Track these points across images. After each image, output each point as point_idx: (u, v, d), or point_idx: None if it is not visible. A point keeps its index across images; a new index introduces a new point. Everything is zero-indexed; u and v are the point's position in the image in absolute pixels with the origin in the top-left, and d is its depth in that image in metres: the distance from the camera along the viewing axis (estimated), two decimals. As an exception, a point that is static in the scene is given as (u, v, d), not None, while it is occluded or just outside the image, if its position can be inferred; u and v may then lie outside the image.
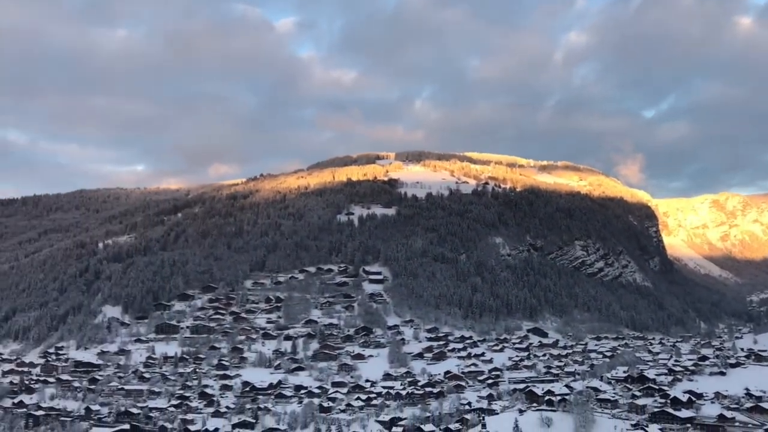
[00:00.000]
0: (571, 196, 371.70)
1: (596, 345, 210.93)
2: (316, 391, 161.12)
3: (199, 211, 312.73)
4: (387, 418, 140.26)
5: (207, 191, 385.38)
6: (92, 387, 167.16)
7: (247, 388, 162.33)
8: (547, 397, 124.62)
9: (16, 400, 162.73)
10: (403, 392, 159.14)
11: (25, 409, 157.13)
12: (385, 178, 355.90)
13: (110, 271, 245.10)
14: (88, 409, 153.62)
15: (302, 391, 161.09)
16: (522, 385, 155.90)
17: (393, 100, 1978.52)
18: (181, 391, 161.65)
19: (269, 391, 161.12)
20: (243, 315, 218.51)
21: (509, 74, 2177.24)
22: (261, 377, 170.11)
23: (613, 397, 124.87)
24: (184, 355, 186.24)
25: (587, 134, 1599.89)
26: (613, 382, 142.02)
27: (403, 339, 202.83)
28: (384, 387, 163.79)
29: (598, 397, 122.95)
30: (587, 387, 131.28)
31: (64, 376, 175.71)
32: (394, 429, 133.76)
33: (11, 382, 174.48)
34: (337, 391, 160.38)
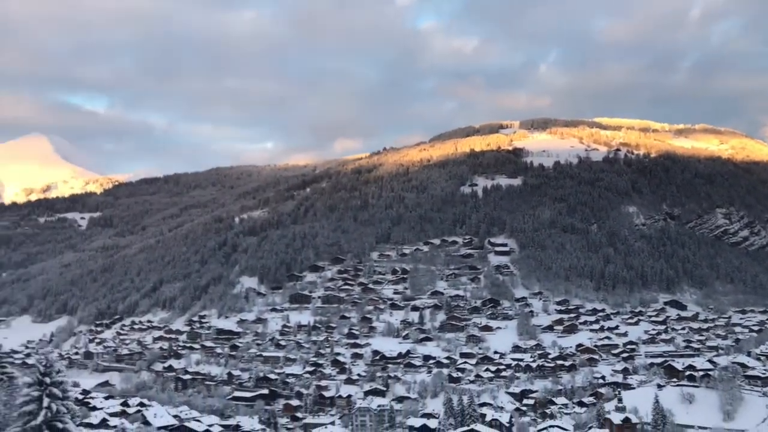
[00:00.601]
0: (712, 161, 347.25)
1: (741, 319, 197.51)
2: (445, 361, 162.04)
3: (326, 185, 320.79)
4: (517, 389, 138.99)
5: (333, 166, 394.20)
6: (233, 353, 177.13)
7: (377, 357, 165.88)
8: (688, 373, 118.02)
9: (166, 365, 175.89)
10: (533, 364, 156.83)
11: (174, 373, 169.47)
12: (510, 148, 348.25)
13: (246, 244, 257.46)
14: (230, 374, 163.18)
15: (431, 361, 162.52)
16: (660, 360, 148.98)
17: (516, 66, 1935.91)
18: (315, 359, 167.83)
19: (398, 360, 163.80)
20: (370, 286, 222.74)
21: (640, 34, 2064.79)
22: (390, 346, 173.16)
23: (763, 373, 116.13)
24: (317, 324, 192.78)
25: (728, 95, 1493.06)
26: (762, 357, 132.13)
27: (531, 311, 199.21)
28: (513, 359, 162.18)
29: (745, 373, 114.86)
30: (733, 362, 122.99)
31: (208, 343, 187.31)
32: (525, 401, 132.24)
33: (161, 348, 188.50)
34: (465, 362, 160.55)
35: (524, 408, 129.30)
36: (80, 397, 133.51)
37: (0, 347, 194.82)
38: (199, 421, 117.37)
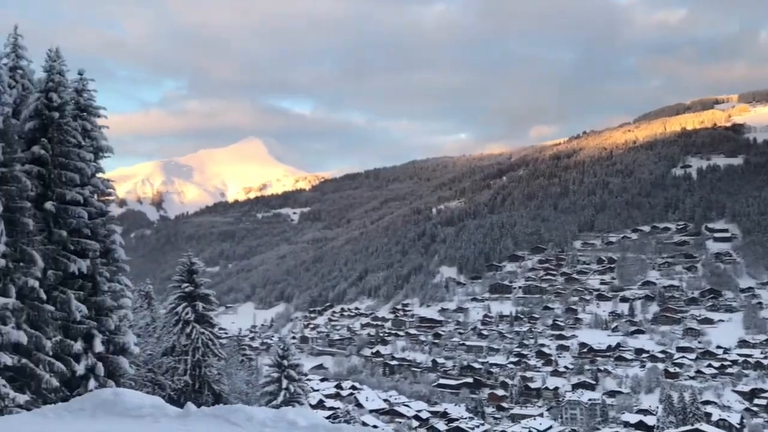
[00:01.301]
0: None
1: None
2: (660, 355, 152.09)
3: (523, 173, 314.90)
4: (746, 388, 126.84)
5: (529, 153, 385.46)
6: (436, 341, 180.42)
7: (585, 350, 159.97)
8: None
9: (374, 350, 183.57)
10: (765, 361, 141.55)
11: (381, 359, 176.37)
12: (727, 124, 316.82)
13: (444, 235, 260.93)
14: (434, 361, 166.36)
15: (644, 355, 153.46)
16: None
17: (731, 34, 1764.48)
18: (519, 349, 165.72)
19: (608, 353, 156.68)
20: (574, 276, 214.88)
21: None
22: (598, 339, 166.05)
23: None
24: (519, 315, 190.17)
25: None
26: None
27: (760, 303, 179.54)
28: (740, 355, 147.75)
29: None
30: None
31: (412, 331, 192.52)
32: (755, 400, 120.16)
33: (369, 334, 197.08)
34: (683, 357, 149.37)
35: (755, 408, 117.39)
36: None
37: (240, 330, 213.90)
38: (407, 406, 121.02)
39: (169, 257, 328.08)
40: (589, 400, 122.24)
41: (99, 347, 18.87)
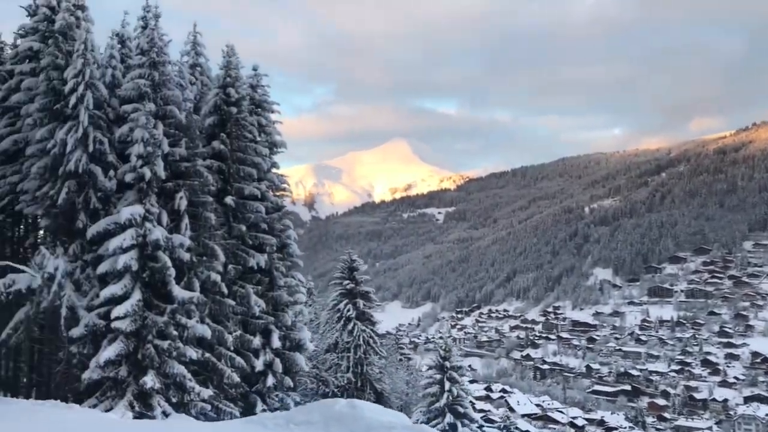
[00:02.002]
0: None
1: None
2: None
3: (684, 169, 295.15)
4: None
5: (690, 148, 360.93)
6: (590, 346, 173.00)
7: (758, 359, 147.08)
8: None
9: (523, 353, 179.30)
10: None
11: (531, 362, 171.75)
12: None
13: (598, 235, 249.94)
14: (588, 367, 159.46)
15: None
16: None
17: None
18: (681, 357, 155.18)
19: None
20: (744, 279, 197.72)
21: None
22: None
23: None
24: (681, 320, 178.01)
25: None
26: None
27: None
28: None
29: None
30: None
31: (563, 334, 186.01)
32: None
33: (518, 337, 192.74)
34: None
35: None
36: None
37: (397, 329, 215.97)
38: (561, 412, 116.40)
39: (320, 256, 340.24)
40: (767, 415, 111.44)
41: (276, 343, 18.81)
